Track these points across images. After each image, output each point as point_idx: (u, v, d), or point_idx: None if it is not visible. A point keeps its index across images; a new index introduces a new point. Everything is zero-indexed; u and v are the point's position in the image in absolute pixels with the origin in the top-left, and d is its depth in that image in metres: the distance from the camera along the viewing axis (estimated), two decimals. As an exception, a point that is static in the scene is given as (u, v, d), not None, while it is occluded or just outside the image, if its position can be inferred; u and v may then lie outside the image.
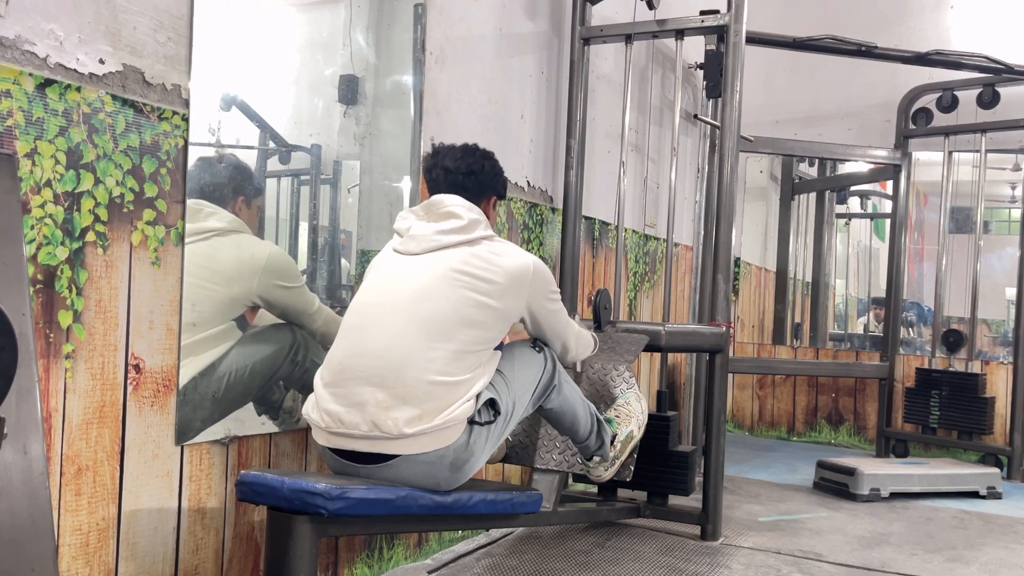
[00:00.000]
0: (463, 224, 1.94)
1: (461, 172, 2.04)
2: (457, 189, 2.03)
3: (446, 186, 2.04)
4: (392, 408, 1.75)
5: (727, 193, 3.09)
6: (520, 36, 3.09)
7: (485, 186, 2.09)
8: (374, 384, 1.78)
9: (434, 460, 1.77)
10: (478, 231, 1.96)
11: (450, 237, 1.93)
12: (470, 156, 2.08)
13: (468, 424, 1.81)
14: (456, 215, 1.96)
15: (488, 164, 2.10)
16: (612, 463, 2.44)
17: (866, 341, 5.29)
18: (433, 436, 1.75)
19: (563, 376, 2.21)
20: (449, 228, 1.94)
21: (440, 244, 1.92)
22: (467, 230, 1.95)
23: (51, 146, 1.53)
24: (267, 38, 2.00)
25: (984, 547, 3.09)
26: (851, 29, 4.47)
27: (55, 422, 1.55)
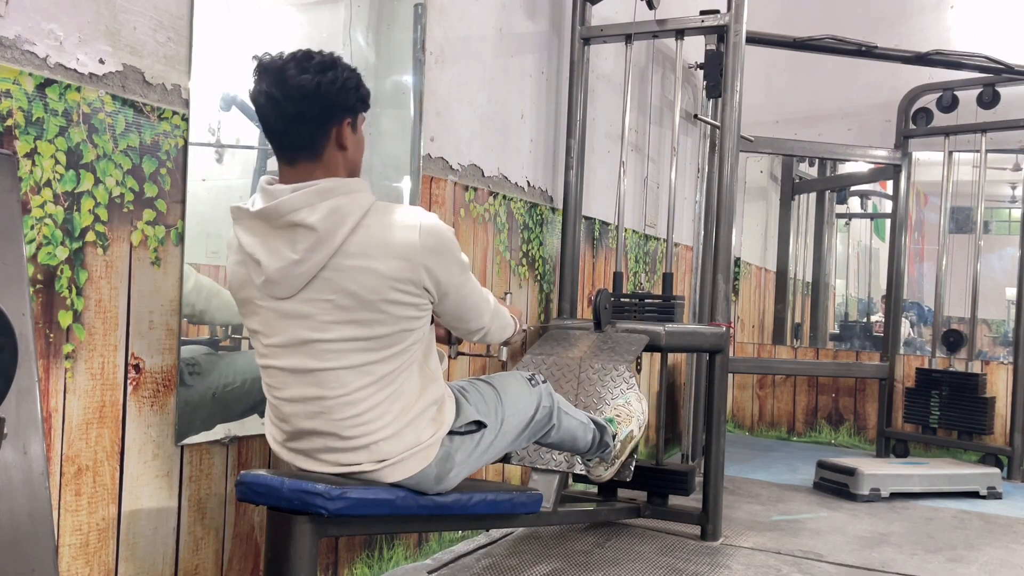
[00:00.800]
0: (316, 240, 1.52)
1: (292, 99, 1.53)
2: (292, 122, 1.56)
3: (278, 121, 1.57)
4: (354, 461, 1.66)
5: (727, 193, 3.09)
6: (520, 36, 3.09)
7: (330, 108, 1.58)
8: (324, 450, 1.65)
9: (418, 480, 1.72)
10: (339, 232, 1.53)
11: (309, 265, 1.54)
12: (302, 72, 1.54)
13: (447, 436, 1.75)
14: (303, 227, 1.52)
15: (329, 75, 1.56)
16: (612, 463, 2.44)
17: (866, 341, 5.29)
18: (408, 463, 1.69)
19: (561, 412, 2.13)
20: (304, 251, 1.53)
21: (304, 278, 1.55)
22: (325, 242, 1.53)
23: (51, 146, 1.53)
24: (267, 38, 2.00)
25: (984, 547, 3.08)
26: (851, 29, 4.47)
27: (55, 422, 1.55)
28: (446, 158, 2.66)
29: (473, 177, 2.81)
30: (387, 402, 1.63)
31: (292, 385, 1.63)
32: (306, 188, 1.54)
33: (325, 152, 1.60)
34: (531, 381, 2.07)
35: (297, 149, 1.59)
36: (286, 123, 1.57)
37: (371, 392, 1.61)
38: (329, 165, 1.61)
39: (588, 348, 2.79)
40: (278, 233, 1.56)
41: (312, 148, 1.59)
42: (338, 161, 1.63)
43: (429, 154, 2.57)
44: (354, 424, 1.62)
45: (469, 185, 2.78)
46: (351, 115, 1.63)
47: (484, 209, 2.86)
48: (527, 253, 3.16)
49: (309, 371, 1.61)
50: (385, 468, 1.67)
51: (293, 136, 1.58)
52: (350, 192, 1.57)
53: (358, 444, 1.63)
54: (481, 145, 2.86)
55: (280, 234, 1.56)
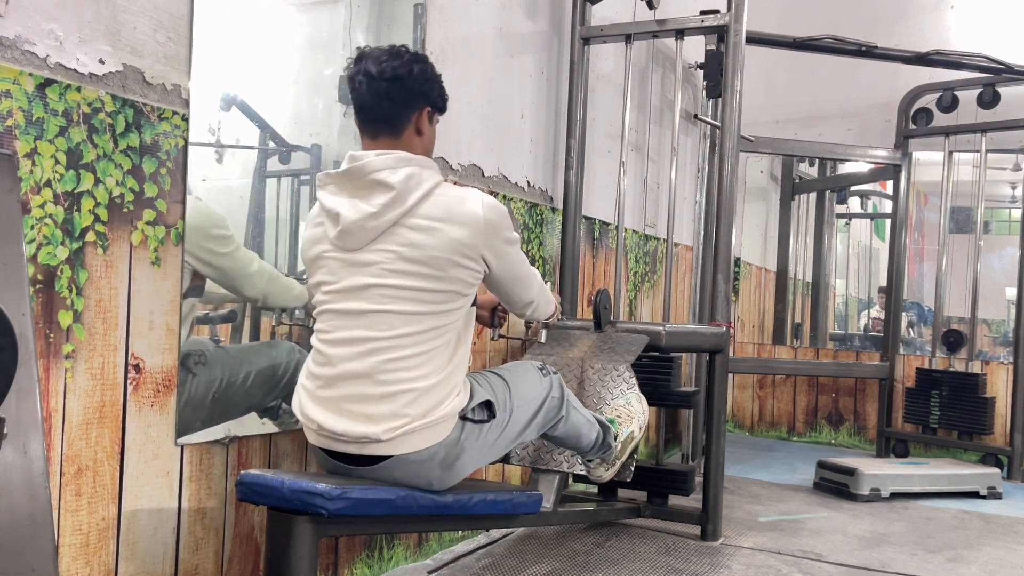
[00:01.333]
0: (393, 197, 1.71)
1: (385, 78, 1.76)
2: (381, 98, 1.77)
3: (369, 95, 1.78)
4: (376, 416, 1.71)
5: (727, 193, 3.09)
6: (520, 36, 3.09)
7: (415, 93, 1.80)
8: (353, 398, 1.73)
9: (426, 459, 1.75)
10: (412, 195, 1.72)
11: (383, 219, 1.72)
12: (396, 59, 1.78)
13: (460, 420, 1.80)
14: (383, 184, 1.72)
15: (418, 67, 1.81)
16: (612, 464, 2.44)
17: (867, 340, 5.29)
18: (423, 434, 1.73)
19: (570, 405, 2.17)
20: (381, 206, 1.71)
21: (376, 231, 1.73)
22: (399, 201, 1.71)
23: (51, 146, 1.53)
24: (267, 38, 2.00)
25: (984, 547, 3.08)
26: (851, 29, 4.47)
27: (55, 422, 1.55)
28: (446, 158, 2.66)
29: (473, 177, 2.81)
30: (424, 355, 1.74)
31: (343, 327, 1.75)
32: (388, 154, 1.75)
33: (405, 132, 1.82)
34: (542, 371, 2.11)
35: (381, 123, 1.80)
36: (376, 98, 1.78)
37: (413, 341, 1.73)
38: (406, 146, 1.81)
39: (588, 348, 2.79)
40: (359, 190, 1.74)
41: (394, 125, 1.80)
42: (414, 144, 1.83)
43: (429, 154, 2.57)
44: (391, 368, 1.71)
45: (468, 186, 2.78)
46: (431, 106, 1.85)
47: (484, 209, 2.86)
48: (527, 253, 3.16)
49: (362, 313, 1.74)
50: (399, 437, 1.71)
51: (380, 111, 1.79)
52: (425, 166, 1.78)
53: (388, 391, 1.71)
54: (481, 145, 2.86)
55: (361, 191, 1.74)
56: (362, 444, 1.73)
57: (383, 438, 1.70)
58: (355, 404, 1.72)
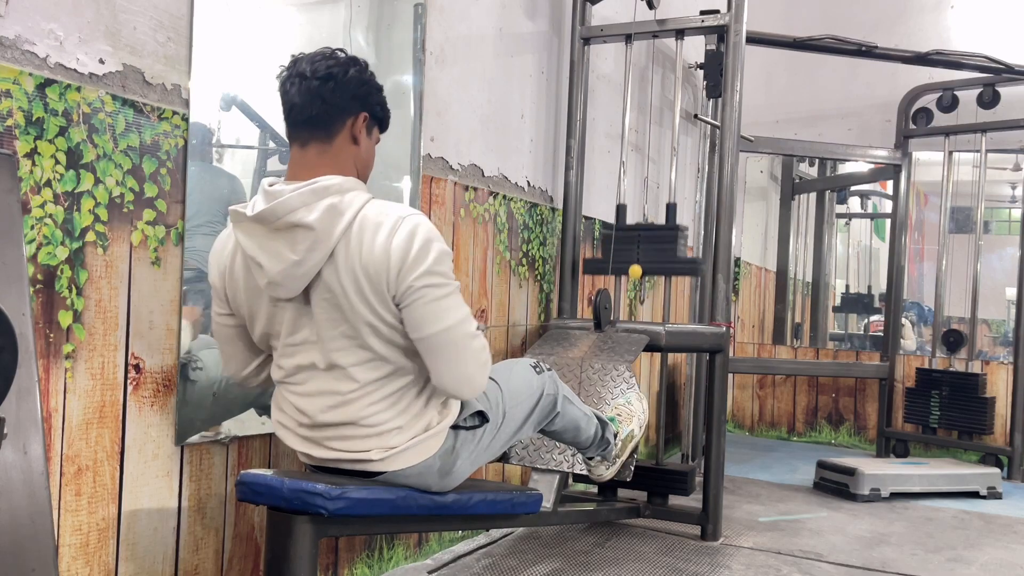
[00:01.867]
0: (314, 239, 1.54)
1: (318, 76, 1.61)
2: (313, 98, 1.61)
3: (299, 95, 1.61)
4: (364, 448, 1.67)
5: (727, 193, 3.09)
6: (520, 36, 3.09)
7: (349, 97, 1.64)
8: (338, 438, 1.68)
9: (422, 471, 1.73)
10: (335, 232, 1.54)
11: (309, 265, 1.55)
12: (330, 59, 1.64)
13: (452, 430, 1.77)
14: (302, 227, 1.53)
15: (355, 70, 1.66)
16: (613, 462, 2.44)
17: (867, 340, 5.29)
18: (416, 450, 1.70)
19: (566, 401, 2.14)
20: (304, 252, 1.54)
21: (306, 278, 1.57)
22: (322, 242, 1.54)
23: (51, 146, 1.53)
24: (267, 38, 2.00)
25: (984, 547, 3.09)
26: (851, 29, 4.47)
27: (55, 422, 1.55)
28: (446, 158, 2.66)
29: (473, 177, 2.81)
30: (398, 393, 1.66)
31: (308, 380, 1.66)
32: (303, 188, 1.55)
33: (337, 139, 1.65)
34: (536, 368, 2.08)
35: (312, 128, 1.63)
36: (307, 97, 1.62)
37: (381, 385, 1.64)
38: (339, 156, 1.65)
39: (588, 348, 2.79)
40: (278, 235, 1.57)
41: (326, 130, 1.64)
42: (349, 155, 1.67)
43: (429, 154, 2.57)
44: (370, 414, 1.65)
45: (469, 185, 2.78)
46: (369, 113, 1.69)
47: (484, 209, 2.86)
48: (527, 253, 3.16)
49: (321, 367, 1.64)
50: (393, 456, 1.68)
51: (311, 112, 1.62)
52: (343, 191, 1.58)
53: (371, 432, 1.66)
54: (481, 145, 2.86)
55: (280, 236, 1.56)
56: (355, 463, 1.70)
57: (375, 458, 1.67)
58: (341, 442, 1.68)
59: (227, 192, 1.98)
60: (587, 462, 2.44)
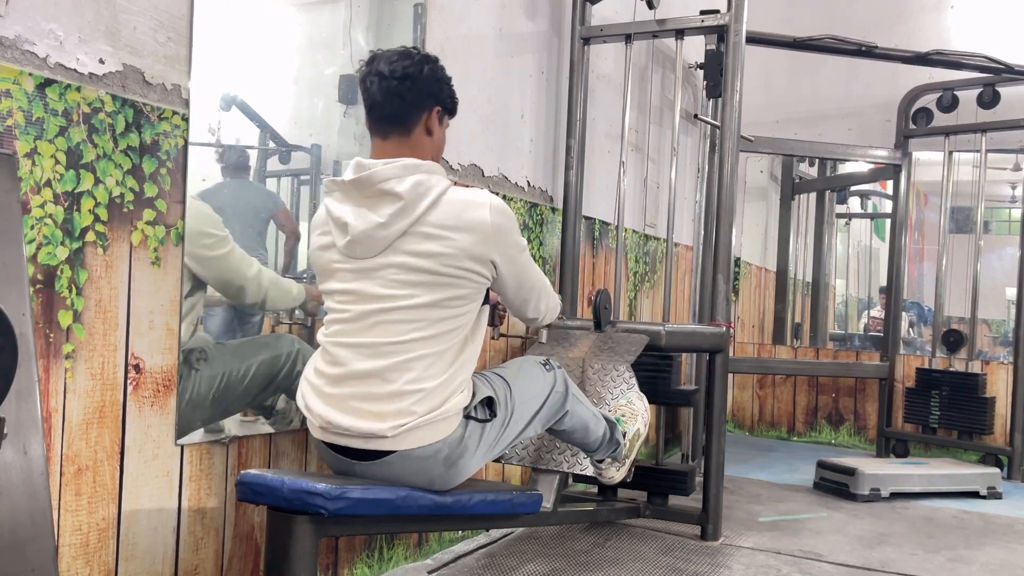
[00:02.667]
0: (401, 206, 1.72)
1: (396, 76, 1.78)
2: (392, 97, 1.78)
3: (380, 94, 1.79)
4: (383, 413, 1.73)
5: (727, 193, 3.09)
6: (520, 36, 3.09)
7: (425, 93, 1.82)
8: (361, 396, 1.75)
9: (430, 455, 1.76)
10: (421, 204, 1.73)
11: (392, 229, 1.73)
12: (407, 58, 1.81)
13: (464, 418, 1.81)
14: (391, 194, 1.72)
15: (428, 67, 1.83)
16: (623, 462, 2.44)
17: (867, 340, 5.29)
18: (428, 429, 1.74)
19: (574, 399, 2.17)
20: (389, 216, 1.72)
21: (386, 242, 1.74)
22: (408, 210, 1.72)
23: (51, 146, 1.53)
24: (267, 38, 2.00)
25: (984, 547, 3.09)
26: (851, 29, 4.47)
27: (55, 422, 1.55)
28: (446, 158, 2.66)
29: (473, 177, 2.81)
30: (433, 356, 1.76)
31: (353, 332, 1.77)
32: (395, 162, 1.75)
33: (415, 131, 1.83)
34: (545, 366, 2.11)
35: (392, 122, 1.81)
36: (387, 96, 1.80)
37: (422, 344, 1.75)
38: (416, 145, 1.83)
39: (588, 348, 2.79)
40: (367, 200, 1.75)
41: (404, 124, 1.82)
42: (424, 144, 1.85)
43: (429, 154, 2.57)
44: (400, 368, 1.74)
45: (469, 185, 2.78)
46: (441, 106, 1.87)
47: (484, 209, 2.86)
48: (527, 253, 3.15)
49: (373, 318, 1.76)
50: (404, 433, 1.72)
51: (390, 109, 1.80)
52: (432, 172, 1.78)
53: (397, 390, 1.73)
54: (481, 145, 2.86)
55: (369, 200, 1.75)
56: (367, 439, 1.74)
57: (388, 435, 1.71)
58: (362, 402, 1.74)
59: (266, 214, 2.06)
60: (596, 465, 2.43)
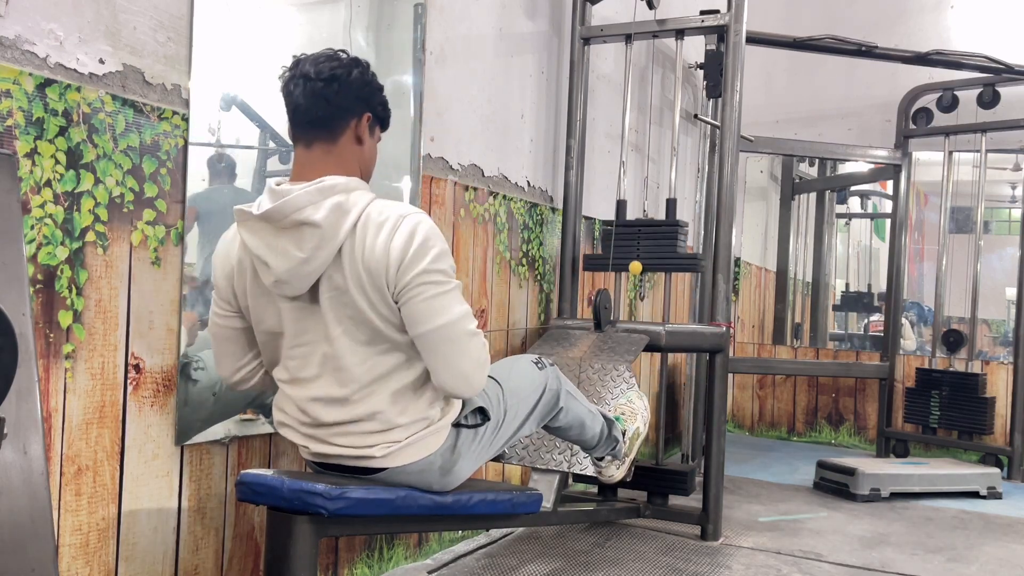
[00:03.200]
0: (321, 236, 1.55)
1: (322, 78, 1.62)
2: (317, 99, 1.63)
3: (304, 96, 1.63)
4: (370, 443, 1.68)
5: (727, 193, 3.09)
6: (520, 36, 3.09)
7: (353, 97, 1.67)
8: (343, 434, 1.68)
9: (423, 468, 1.73)
10: (342, 229, 1.57)
11: (316, 263, 1.57)
12: (334, 60, 1.66)
13: (453, 428, 1.77)
14: (309, 224, 1.55)
15: (357, 71, 1.68)
16: (623, 461, 2.43)
17: (866, 341, 5.29)
18: (417, 447, 1.71)
19: (569, 396, 2.14)
20: (311, 249, 1.56)
21: (314, 276, 1.59)
22: (330, 239, 1.56)
23: (51, 146, 1.53)
24: (267, 38, 2.00)
25: (984, 547, 3.08)
26: (851, 29, 4.47)
27: (55, 422, 1.55)
28: (446, 158, 2.66)
29: (473, 177, 2.81)
30: (401, 390, 1.67)
31: (312, 381, 1.67)
32: (309, 187, 1.57)
33: (341, 139, 1.67)
34: (537, 364, 2.08)
35: (317, 128, 1.65)
36: (311, 99, 1.64)
37: (385, 384, 1.65)
38: (343, 155, 1.67)
39: (588, 348, 2.79)
40: (284, 233, 1.58)
41: (331, 130, 1.66)
42: (353, 155, 1.69)
43: (429, 154, 2.58)
44: (375, 411, 1.65)
45: (469, 185, 2.78)
46: (372, 113, 1.71)
47: (484, 209, 2.86)
48: (527, 253, 3.16)
49: (326, 366, 1.65)
50: (395, 452, 1.68)
51: (315, 113, 1.64)
52: (349, 190, 1.61)
53: (374, 429, 1.66)
54: (481, 145, 2.86)
55: (286, 234, 1.58)
56: (357, 460, 1.70)
57: (377, 455, 1.68)
58: (345, 438, 1.68)
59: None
60: (596, 463, 2.43)
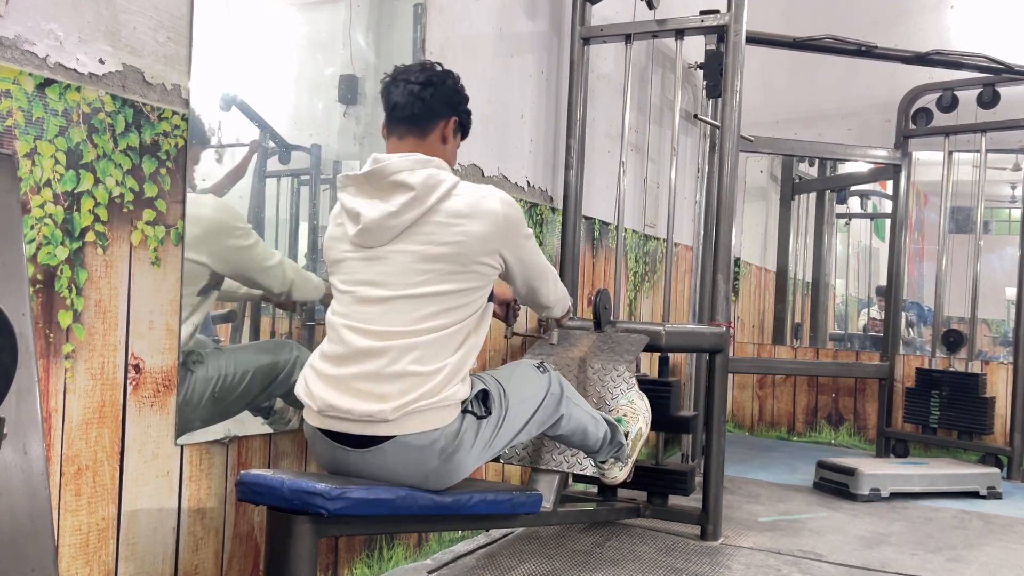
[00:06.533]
0: (413, 196, 1.79)
1: (420, 81, 1.90)
2: (414, 99, 1.89)
3: (402, 96, 1.90)
4: (386, 394, 1.74)
5: (727, 193, 3.09)
6: (520, 36, 3.09)
7: (444, 102, 1.94)
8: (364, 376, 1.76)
9: (426, 444, 1.76)
10: (432, 195, 1.80)
11: (404, 218, 1.79)
12: (431, 70, 1.95)
13: (461, 412, 1.82)
14: (404, 185, 1.79)
15: (451, 81, 1.97)
16: (626, 462, 2.43)
17: (866, 340, 5.29)
18: (428, 415, 1.75)
19: (570, 402, 2.16)
20: (401, 205, 1.79)
21: (396, 230, 1.80)
22: (420, 201, 1.79)
23: (51, 146, 1.53)
24: (267, 38, 2.00)
25: (984, 547, 3.09)
26: (851, 29, 4.47)
27: (55, 422, 1.55)
28: (446, 158, 2.66)
29: (473, 177, 2.81)
30: (438, 344, 1.80)
31: (363, 315, 1.81)
32: (409, 156, 1.84)
33: (430, 136, 1.93)
34: (540, 368, 2.12)
35: (410, 123, 1.91)
36: (408, 98, 1.90)
37: (427, 331, 1.79)
38: (430, 150, 1.91)
39: (588, 348, 2.79)
40: (380, 191, 1.82)
41: (422, 127, 1.91)
42: (437, 151, 1.92)
43: (429, 154, 2.57)
44: (405, 350, 1.77)
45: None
46: (458, 118, 1.98)
47: (484, 209, 2.86)
48: (527, 253, 3.15)
49: (381, 305, 1.80)
50: (404, 417, 1.73)
51: (411, 110, 1.90)
52: (443, 167, 1.87)
53: (400, 371, 1.76)
54: (481, 145, 2.86)
55: (381, 192, 1.81)
56: (366, 424, 1.74)
57: (389, 417, 1.72)
58: (365, 383, 1.76)
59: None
60: (599, 466, 2.43)
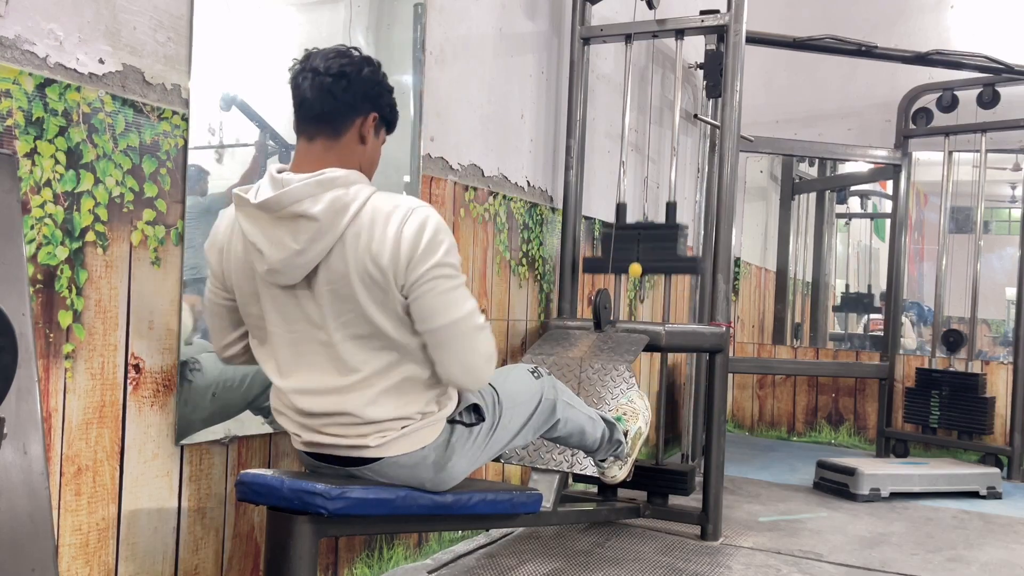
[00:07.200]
0: (317, 229, 1.54)
1: (331, 73, 1.60)
2: (324, 95, 1.60)
3: (311, 91, 1.61)
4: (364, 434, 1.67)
5: (727, 193, 3.09)
6: (520, 36, 3.09)
7: (360, 95, 1.64)
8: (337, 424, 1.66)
9: (416, 461, 1.72)
10: (340, 222, 1.54)
11: (311, 255, 1.55)
12: (344, 57, 1.63)
13: (448, 424, 1.76)
14: (307, 216, 1.53)
15: (368, 69, 1.65)
16: (625, 461, 2.43)
17: (867, 340, 5.29)
18: (412, 438, 1.69)
19: (566, 405, 2.11)
20: (306, 241, 1.54)
21: (307, 267, 1.56)
22: (326, 232, 1.54)
23: (51, 146, 1.53)
24: (267, 38, 2.00)
25: (984, 547, 3.09)
26: (851, 29, 4.47)
27: (55, 422, 1.55)
28: (446, 158, 2.66)
29: (473, 177, 2.81)
30: (398, 384, 1.65)
31: (306, 373, 1.65)
32: (308, 180, 1.55)
33: (345, 136, 1.64)
34: (534, 373, 2.06)
35: (321, 122, 1.63)
36: (318, 93, 1.61)
37: (382, 377, 1.63)
38: (344, 152, 1.64)
39: (588, 348, 2.79)
40: (281, 223, 1.56)
41: (335, 126, 1.63)
42: (355, 153, 1.66)
43: (429, 154, 2.58)
44: (369, 405, 1.63)
45: (469, 185, 2.78)
46: (379, 113, 1.68)
47: (484, 209, 2.86)
48: (527, 253, 3.16)
49: (321, 357, 1.63)
50: (388, 443, 1.67)
51: (320, 108, 1.62)
52: (349, 184, 1.58)
53: (372, 420, 1.64)
54: (481, 145, 2.86)
55: (283, 224, 1.56)
56: (351, 449, 1.69)
57: (371, 444, 1.66)
58: (337, 428, 1.67)
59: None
60: (599, 464, 2.42)
